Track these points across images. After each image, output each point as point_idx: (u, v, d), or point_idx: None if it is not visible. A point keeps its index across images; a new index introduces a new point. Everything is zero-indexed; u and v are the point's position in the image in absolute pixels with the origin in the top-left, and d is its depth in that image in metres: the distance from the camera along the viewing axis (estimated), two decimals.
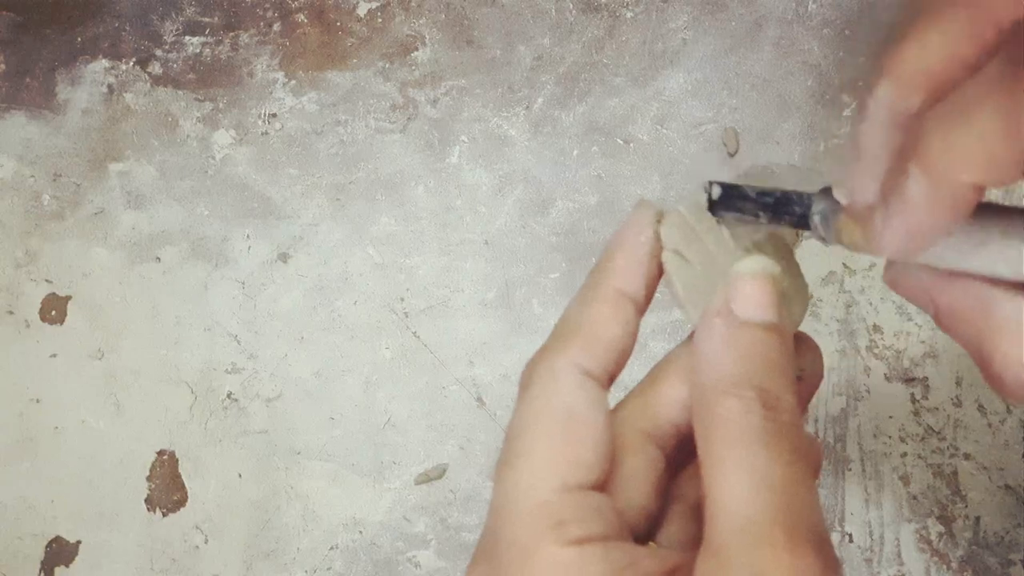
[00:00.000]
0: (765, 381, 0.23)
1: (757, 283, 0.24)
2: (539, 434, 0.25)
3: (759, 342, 0.24)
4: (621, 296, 0.27)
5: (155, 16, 0.66)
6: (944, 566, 0.53)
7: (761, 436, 0.22)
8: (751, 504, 0.21)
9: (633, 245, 0.27)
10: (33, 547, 0.57)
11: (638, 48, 0.63)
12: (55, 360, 0.60)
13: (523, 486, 0.24)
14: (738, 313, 0.24)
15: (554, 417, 0.25)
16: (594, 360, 0.26)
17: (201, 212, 0.62)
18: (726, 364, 0.24)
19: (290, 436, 0.58)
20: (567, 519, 0.23)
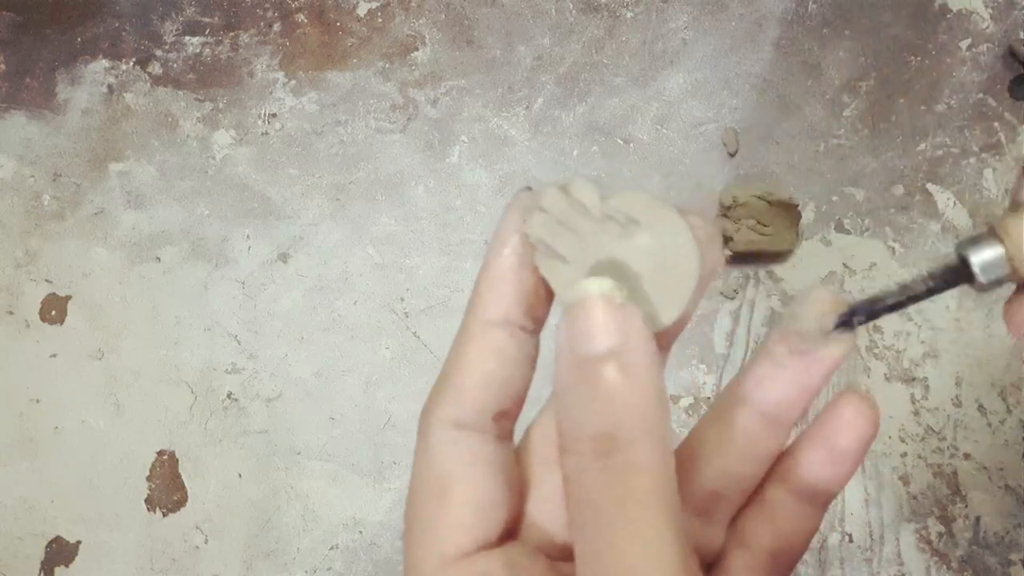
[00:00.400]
0: (600, 423, 0.21)
1: (585, 310, 0.22)
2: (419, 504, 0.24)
3: (596, 378, 0.21)
4: (487, 327, 0.25)
5: (155, 16, 0.66)
6: (944, 566, 0.53)
7: (596, 494, 0.21)
8: (594, 572, 0.20)
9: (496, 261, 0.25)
10: (33, 547, 0.57)
11: (638, 48, 0.63)
12: (55, 360, 0.60)
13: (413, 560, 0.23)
14: (574, 350, 0.22)
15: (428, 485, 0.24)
16: (465, 409, 0.24)
17: (201, 212, 0.62)
18: (566, 416, 0.22)
19: (290, 436, 0.58)
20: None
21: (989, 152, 0.59)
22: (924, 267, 0.58)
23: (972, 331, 0.56)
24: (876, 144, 0.60)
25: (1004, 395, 0.55)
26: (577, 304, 0.22)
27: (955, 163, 0.59)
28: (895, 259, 0.58)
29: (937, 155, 0.59)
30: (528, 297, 0.25)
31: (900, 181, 0.59)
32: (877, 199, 0.59)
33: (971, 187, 0.59)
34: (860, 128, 0.60)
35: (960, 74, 0.61)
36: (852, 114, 0.61)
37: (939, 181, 0.59)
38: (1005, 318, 0.25)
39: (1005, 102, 0.60)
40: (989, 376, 0.55)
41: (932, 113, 0.60)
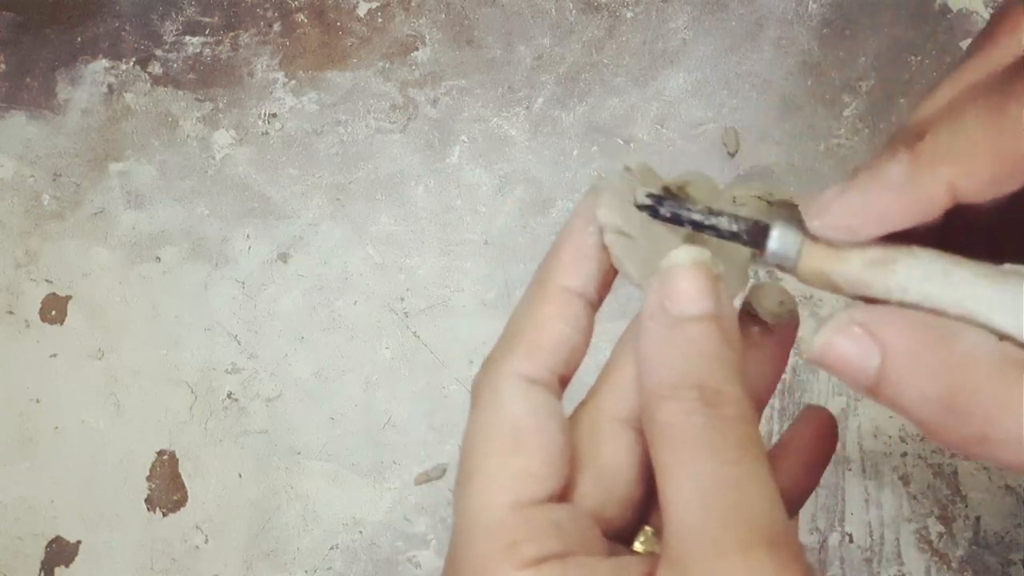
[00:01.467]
0: (705, 377, 0.22)
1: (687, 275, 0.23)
2: (487, 452, 0.24)
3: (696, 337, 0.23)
4: (567, 293, 0.26)
5: (155, 16, 0.66)
6: (944, 566, 0.53)
7: (704, 438, 0.22)
8: (700, 511, 0.21)
9: (580, 237, 0.26)
10: (33, 547, 0.57)
11: (638, 48, 0.63)
12: (55, 360, 0.60)
13: (475, 507, 0.24)
14: (671, 311, 0.23)
15: (500, 433, 0.24)
16: (540, 365, 0.25)
17: (201, 212, 0.62)
18: (663, 366, 0.23)
19: (290, 436, 0.58)
20: (520, 539, 0.23)
21: None
22: None
23: None
24: (876, 144, 0.60)
25: None
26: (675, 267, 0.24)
27: None
28: None
29: None
30: (605, 275, 0.26)
31: None
32: None
33: None
34: (860, 128, 0.60)
35: None
36: (852, 114, 0.61)
37: None
38: None
39: None
40: None
41: None
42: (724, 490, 0.21)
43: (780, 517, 0.21)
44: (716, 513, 0.21)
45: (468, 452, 0.25)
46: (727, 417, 0.22)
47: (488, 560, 0.23)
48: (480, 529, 0.23)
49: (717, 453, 0.21)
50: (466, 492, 0.24)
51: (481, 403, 0.25)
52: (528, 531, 0.23)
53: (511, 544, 0.23)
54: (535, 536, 0.23)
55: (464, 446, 0.25)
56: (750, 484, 0.21)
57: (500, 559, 0.23)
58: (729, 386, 0.22)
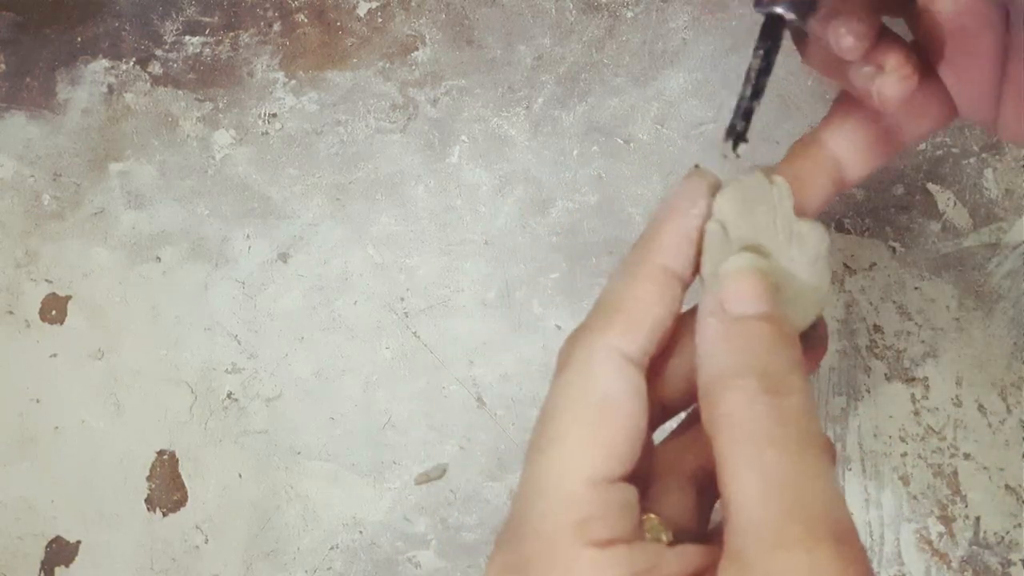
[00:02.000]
0: (767, 364, 0.22)
1: (744, 278, 0.24)
2: (572, 421, 0.24)
3: (755, 331, 0.23)
4: (667, 274, 0.25)
5: (155, 16, 0.66)
6: (944, 566, 0.53)
7: (767, 428, 0.21)
8: (763, 504, 0.21)
9: (684, 218, 0.26)
10: (33, 547, 0.57)
11: (638, 48, 0.63)
12: (55, 360, 0.60)
13: (552, 475, 0.23)
14: (729, 309, 0.23)
15: (589, 404, 0.24)
16: (636, 344, 0.24)
17: (201, 212, 0.62)
18: (724, 357, 0.23)
19: (290, 436, 0.58)
20: (593, 516, 0.22)
21: (989, 152, 0.59)
22: (923, 265, 0.58)
23: (972, 331, 0.56)
24: None
25: (1004, 395, 0.55)
26: (735, 272, 0.24)
27: (955, 163, 0.59)
28: (895, 259, 0.58)
29: (937, 155, 0.59)
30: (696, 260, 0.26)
31: (900, 181, 0.59)
32: (877, 199, 0.59)
33: (971, 187, 0.59)
34: None
35: None
36: None
37: (939, 181, 0.59)
38: None
39: None
40: (989, 376, 0.55)
41: None
42: (788, 483, 0.21)
43: (845, 514, 0.21)
44: (780, 506, 0.21)
45: (552, 416, 0.24)
46: (790, 407, 0.22)
47: (558, 533, 0.22)
48: (553, 501, 0.23)
49: (780, 444, 0.21)
50: (544, 458, 0.24)
51: (571, 371, 0.24)
52: (601, 509, 0.23)
53: (584, 520, 0.22)
54: (607, 515, 0.23)
55: (547, 410, 0.24)
56: (814, 478, 0.21)
57: (570, 533, 0.22)
58: (791, 375, 0.22)
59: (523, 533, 0.23)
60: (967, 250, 0.58)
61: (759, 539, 0.21)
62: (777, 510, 0.21)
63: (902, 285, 0.57)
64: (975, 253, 0.57)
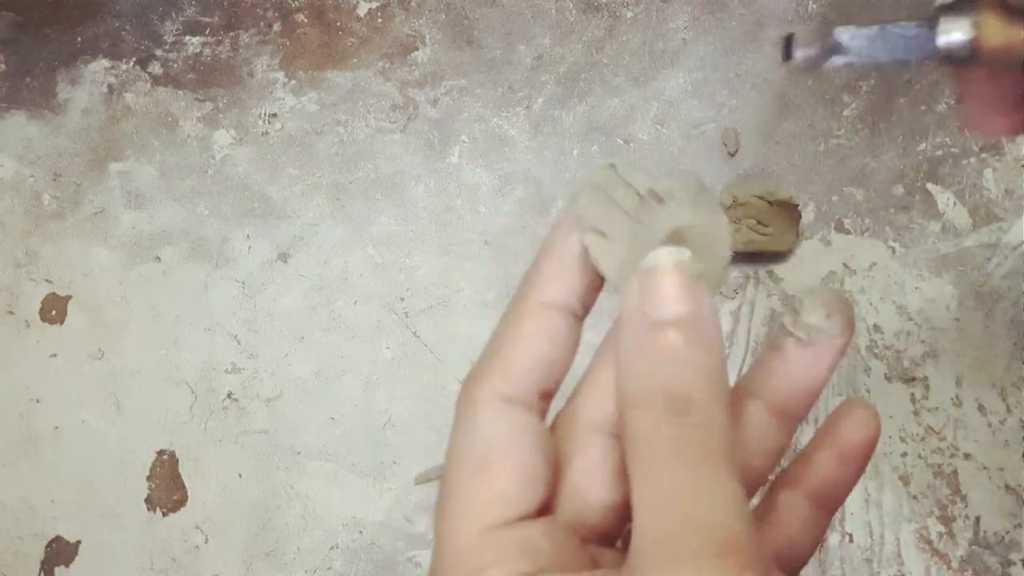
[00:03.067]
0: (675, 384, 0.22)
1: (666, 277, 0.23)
2: (459, 474, 0.24)
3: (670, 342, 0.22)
4: (546, 308, 0.25)
5: (155, 16, 0.66)
6: (944, 566, 0.53)
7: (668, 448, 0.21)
8: (657, 520, 0.21)
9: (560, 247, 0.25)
10: (33, 547, 0.57)
11: (638, 48, 0.63)
12: (55, 360, 0.60)
13: (447, 533, 0.23)
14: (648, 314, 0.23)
15: (472, 454, 0.24)
16: (515, 384, 0.24)
17: (201, 212, 0.62)
18: (636, 373, 0.23)
19: (290, 436, 0.58)
20: (488, 564, 0.22)
21: (989, 152, 0.59)
22: (923, 265, 0.57)
23: (972, 331, 0.56)
24: (876, 144, 0.60)
25: (1004, 395, 0.55)
26: (654, 270, 0.23)
27: (955, 163, 0.59)
28: (895, 259, 0.58)
29: (937, 155, 0.59)
30: (587, 285, 0.25)
31: (900, 181, 0.59)
32: (877, 199, 0.59)
33: (971, 187, 0.59)
34: (860, 128, 0.60)
35: None
36: (852, 114, 0.61)
37: (939, 181, 0.59)
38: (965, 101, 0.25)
39: None
40: (989, 376, 0.55)
41: (932, 113, 0.60)
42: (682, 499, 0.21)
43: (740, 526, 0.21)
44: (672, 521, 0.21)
45: (446, 474, 0.25)
46: (693, 425, 0.22)
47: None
48: (450, 555, 0.23)
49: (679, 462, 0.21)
50: (441, 516, 0.24)
51: (458, 424, 0.25)
52: (495, 555, 0.23)
53: (478, 570, 0.23)
54: (503, 559, 0.23)
55: (444, 468, 0.25)
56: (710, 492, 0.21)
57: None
58: (698, 393, 0.22)
59: None
60: (967, 250, 0.58)
61: (651, 553, 0.21)
62: (669, 525, 0.21)
63: (902, 285, 0.57)
64: (975, 253, 0.57)
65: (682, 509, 0.21)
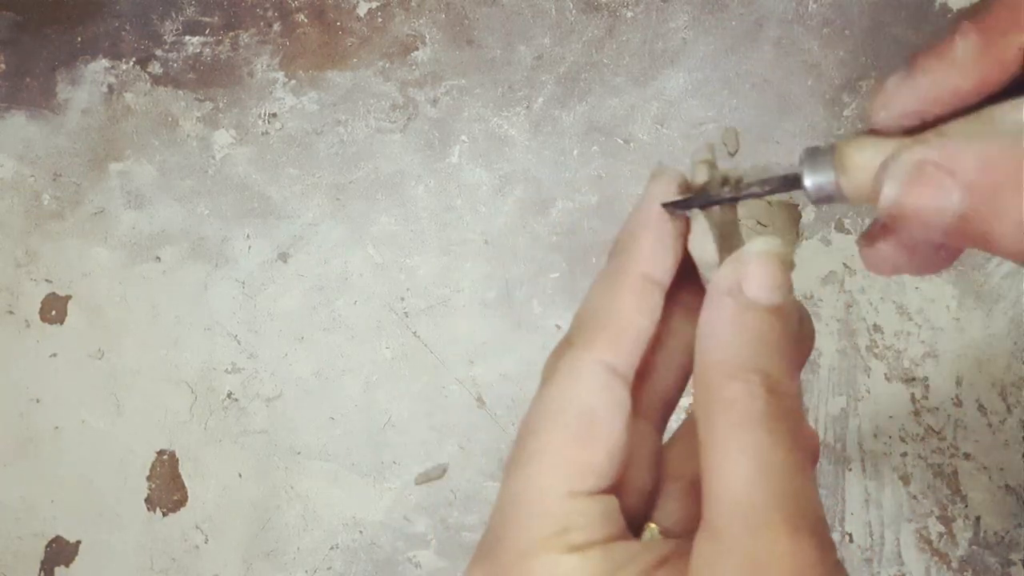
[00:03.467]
0: (770, 365, 0.23)
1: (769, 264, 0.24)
2: (554, 436, 0.24)
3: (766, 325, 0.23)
4: (648, 283, 0.25)
5: (155, 16, 0.66)
6: (944, 566, 0.53)
7: (764, 421, 0.22)
8: (752, 489, 0.21)
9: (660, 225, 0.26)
10: (33, 547, 0.57)
11: (638, 48, 0.63)
12: (55, 360, 0.60)
13: (532, 490, 0.23)
14: (748, 294, 0.23)
15: (572, 419, 0.24)
16: (621, 357, 0.24)
17: (201, 212, 0.62)
18: (733, 346, 0.23)
19: (290, 436, 0.58)
20: (572, 527, 0.23)
21: None
22: None
23: (972, 331, 0.56)
24: None
25: (1004, 395, 0.55)
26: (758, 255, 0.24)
27: None
28: None
29: None
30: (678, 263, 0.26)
31: None
32: None
33: None
34: (860, 128, 0.60)
35: None
36: (852, 114, 0.61)
37: None
38: (861, 253, 0.27)
39: None
40: (989, 376, 0.55)
41: None
42: (777, 473, 0.21)
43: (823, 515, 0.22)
44: (768, 493, 0.21)
45: (533, 430, 0.24)
46: (786, 407, 0.22)
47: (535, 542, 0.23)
48: (532, 514, 0.23)
49: (775, 438, 0.22)
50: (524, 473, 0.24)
51: (555, 386, 0.24)
52: (580, 520, 0.23)
53: (562, 530, 0.23)
54: (586, 524, 0.23)
55: (528, 423, 0.25)
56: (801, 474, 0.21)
57: (547, 543, 0.23)
58: (789, 380, 0.23)
59: (501, 547, 0.23)
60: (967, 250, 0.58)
61: (744, 520, 0.21)
62: (765, 496, 0.21)
63: (902, 285, 0.57)
64: (975, 253, 0.57)
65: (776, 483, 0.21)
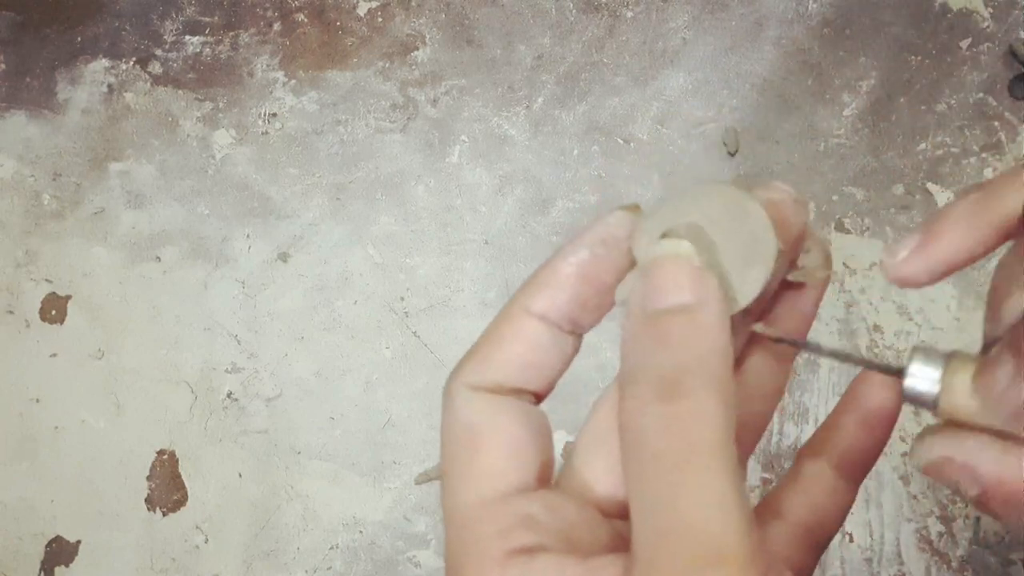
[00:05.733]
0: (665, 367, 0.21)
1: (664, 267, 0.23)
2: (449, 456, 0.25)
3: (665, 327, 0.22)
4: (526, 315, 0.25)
5: (155, 16, 0.66)
6: (944, 566, 0.53)
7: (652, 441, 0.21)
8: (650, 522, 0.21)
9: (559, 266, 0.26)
10: (33, 547, 0.57)
11: (638, 48, 0.63)
12: (55, 360, 0.60)
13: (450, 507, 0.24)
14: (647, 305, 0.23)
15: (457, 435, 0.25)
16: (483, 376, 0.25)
17: (201, 212, 0.62)
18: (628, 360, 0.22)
19: (290, 436, 0.58)
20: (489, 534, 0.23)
21: (989, 152, 0.59)
22: None
23: (972, 331, 0.56)
24: (876, 144, 0.60)
25: None
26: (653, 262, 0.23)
27: (955, 163, 0.59)
28: None
29: (937, 155, 0.59)
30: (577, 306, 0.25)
31: (900, 181, 0.59)
32: (877, 199, 0.59)
33: None
34: (860, 128, 0.60)
35: (960, 74, 0.61)
36: (852, 114, 0.61)
37: (939, 181, 0.59)
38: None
39: (1005, 102, 0.60)
40: None
41: (932, 113, 0.60)
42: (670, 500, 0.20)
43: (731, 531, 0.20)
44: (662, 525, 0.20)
45: (442, 459, 0.25)
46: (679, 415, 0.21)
47: (462, 557, 0.23)
48: (455, 528, 0.24)
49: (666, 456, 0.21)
50: (444, 494, 0.25)
51: (443, 414, 0.26)
52: (496, 527, 0.23)
53: (482, 539, 0.23)
54: (504, 531, 0.23)
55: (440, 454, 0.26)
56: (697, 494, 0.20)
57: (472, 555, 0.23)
58: (690, 378, 0.21)
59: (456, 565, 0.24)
60: None
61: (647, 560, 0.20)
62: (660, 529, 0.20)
63: None
64: None
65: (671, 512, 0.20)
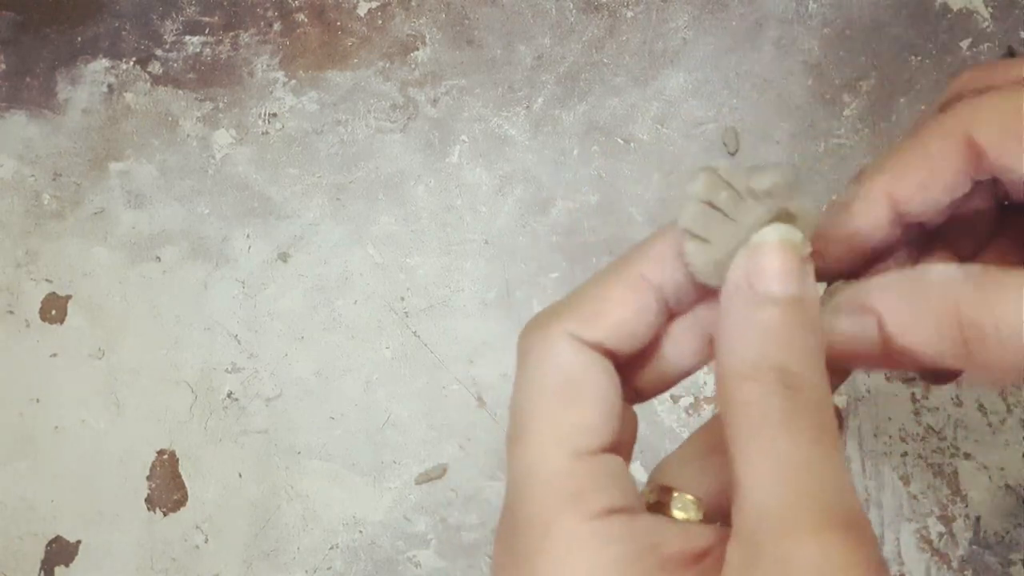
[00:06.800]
0: (786, 360, 0.22)
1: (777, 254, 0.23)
2: (540, 404, 0.24)
3: (779, 320, 0.22)
4: (643, 283, 0.25)
5: (155, 16, 0.66)
6: (944, 566, 0.53)
7: (782, 419, 0.22)
8: (775, 491, 0.21)
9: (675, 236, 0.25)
10: (33, 547, 0.57)
11: (638, 47, 0.63)
12: (55, 360, 0.60)
13: (533, 460, 0.23)
14: (757, 288, 0.23)
15: (553, 384, 0.24)
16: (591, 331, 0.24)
17: (201, 212, 0.62)
18: (745, 346, 0.23)
19: (290, 436, 0.58)
20: (585, 489, 0.22)
21: None
22: None
23: None
24: (876, 144, 0.60)
25: (1004, 395, 0.55)
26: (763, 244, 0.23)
27: None
28: None
29: None
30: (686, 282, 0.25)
31: None
32: None
33: None
34: (860, 128, 0.60)
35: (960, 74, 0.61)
36: (852, 114, 0.61)
37: None
38: None
39: None
40: None
41: None
42: (800, 471, 0.21)
43: (855, 501, 0.21)
44: (791, 494, 0.21)
45: (521, 406, 0.24)
46: (805, 400, 0.22)
47: (550, 512, 0.22)
48: (540, 482, 0.23)
49: (794, 434, 0.21)
50: (521, 446, 0.24)
51: (532, 358, 0.25)
52: (592, 482, 0.23)
53: (575, 494, 0.22)
54: (599, 487, 0.22)
55: (516, 401, 0.25)
56: (826, 467, 0.21)
57: (563, 510, 0.22)
58: (808, 371, 0.22)
59: (516, 522, 0.23)
60: None
61: (770, 524, 0.21)
62: (789, 497, 0.21)
63: None
64: None
65: (802, 481, 0.21)
